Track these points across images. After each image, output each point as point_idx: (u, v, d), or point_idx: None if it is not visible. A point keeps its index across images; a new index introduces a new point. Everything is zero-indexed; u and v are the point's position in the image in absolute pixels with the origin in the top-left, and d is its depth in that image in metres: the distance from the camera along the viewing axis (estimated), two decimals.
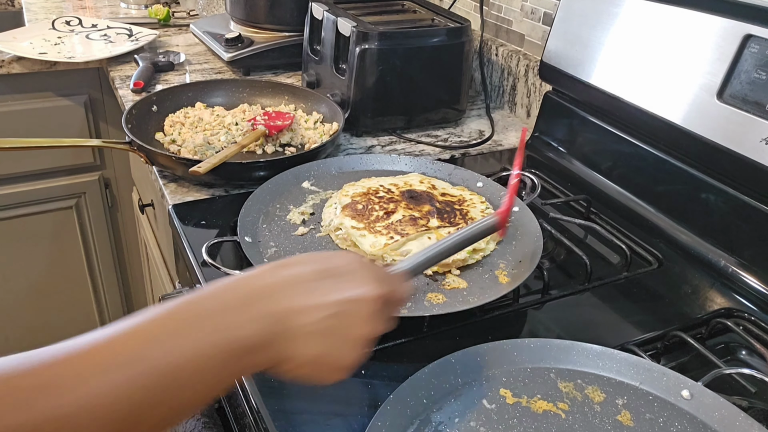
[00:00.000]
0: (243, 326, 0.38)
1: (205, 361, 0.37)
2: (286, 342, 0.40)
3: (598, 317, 0.71)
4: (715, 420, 0.53)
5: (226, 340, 0.38)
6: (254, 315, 0.39)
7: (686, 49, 0.81)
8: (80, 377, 0.34)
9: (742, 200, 0.77)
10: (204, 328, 0.37)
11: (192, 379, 0.36)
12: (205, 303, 0.39)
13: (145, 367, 0.35)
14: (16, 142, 0.94)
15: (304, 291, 0.42)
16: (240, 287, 0.41)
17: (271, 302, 0.40)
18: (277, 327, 0.40)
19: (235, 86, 1.17)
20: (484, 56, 1.31)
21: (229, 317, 0.38)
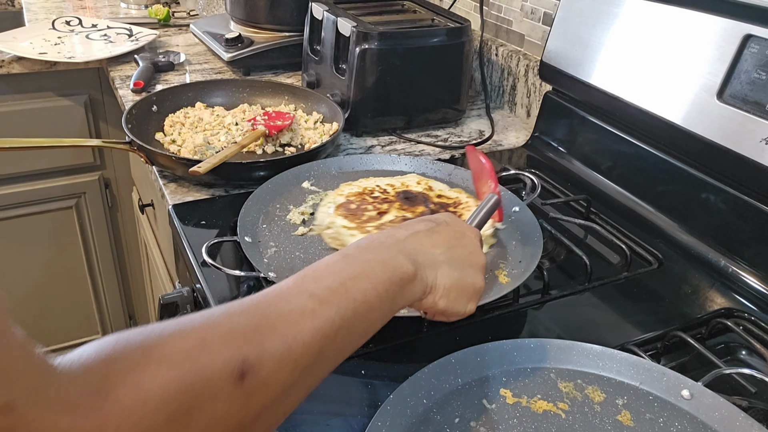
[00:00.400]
0: (399, 261, 0.48)
1: (383, 293, 0.45)
2: (430, 271, 0.50)
3: (598, 317, 0.71)
4: (715, 420, 0.53)
5: (393, 273, 0.47)
6: (402, 252, 0.49)
7: (686, 49, 0.81)
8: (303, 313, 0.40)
9: (742, 200, 0.77)
10: (375, 270, 0.46)
11: (375, 309, 0.45)
12: (365, 253, 0.48)
13: (349, 303, 0.42)
14: (16, 142, 0.94)
15: (424, 237, 0.53)
16: (377, 241, 0.50)
17: (406, 245, 0.50)
18: (419, 259, 0.50)
19: (235, 86, 1.17)
20: (484, 56, 1.31)
21: (387, 258, 0.48)
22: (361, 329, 0.44)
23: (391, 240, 0.50)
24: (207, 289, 0.70)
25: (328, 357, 0.41)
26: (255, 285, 0.71)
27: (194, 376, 0.33)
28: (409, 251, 0.50)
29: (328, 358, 0.41)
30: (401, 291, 0.47)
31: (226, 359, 0.34)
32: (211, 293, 0.69)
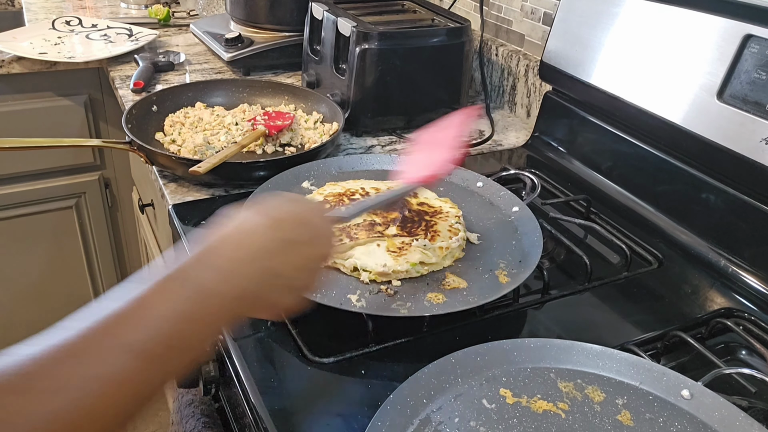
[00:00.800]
0: (250, 278, 0.46)
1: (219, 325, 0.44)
2: (269, 292, 0.48)
3: (598, 317, 0.71)
4: (715, 420, 0.53)
5: (238, 290, 0.44)
6: (257, 269, 0.46)
7: (686, 49, 0.81)
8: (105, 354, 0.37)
9: (742, 200, 0.77)
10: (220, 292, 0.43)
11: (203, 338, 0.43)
12: (216, 259, 0.45)
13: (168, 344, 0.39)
14: (16, 142, 0.94)
15: (290, 253, 0.49)
16: (244, 245, 0.47)
17: (268, 260, 0.47)
18: (274, 281, 0.48)
19: (235, 86, 1.17)
20: (484, 56, 1.31)
21: (237, 272, 0.45)
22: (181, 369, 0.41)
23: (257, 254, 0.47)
24: None
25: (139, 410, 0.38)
26: None
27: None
28: (269, 269, 0.47)
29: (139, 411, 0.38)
30: (237, 314, 0.46)
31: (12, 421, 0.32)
32: None
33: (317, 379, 0.59)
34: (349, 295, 0.66)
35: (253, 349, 0.62)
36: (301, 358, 0.61)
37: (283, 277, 0.49)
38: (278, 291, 0.49)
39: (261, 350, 0.62)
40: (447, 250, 0.72)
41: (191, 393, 0.82)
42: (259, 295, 0.47)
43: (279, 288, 0.49)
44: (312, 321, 0.66)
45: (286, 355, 0.62)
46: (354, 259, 0.70)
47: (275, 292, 0.49)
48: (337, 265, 0.70)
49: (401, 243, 0.73)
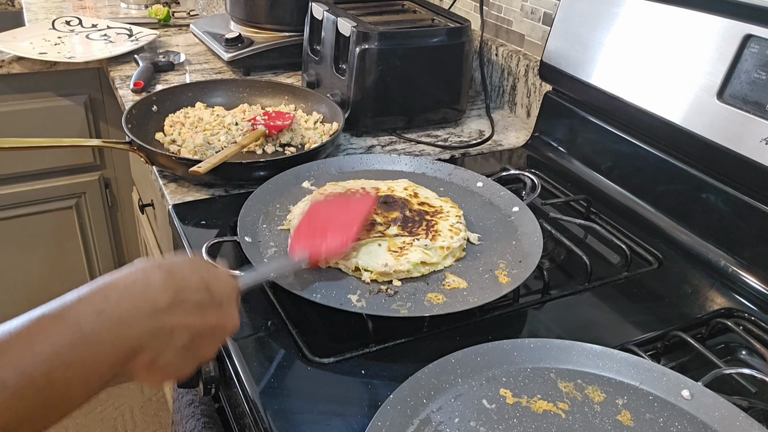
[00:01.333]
0: (137, 336, 0.42)
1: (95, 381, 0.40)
2: (163, 350, 0.44)
3: (598, 317, 0.71)
4: (715, 420, 0.53)
5: (121, 349, 0.41)
6: (150, 326, 0.43)
7: (686, 49, 0.81)
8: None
9: (742, 200, 0.77)
10: (105, 339, 0.40)
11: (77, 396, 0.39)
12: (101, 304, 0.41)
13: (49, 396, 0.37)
14: (16, 142, 0.94)
15: (194, 310, 0.46)
16: (136, 293, 0.43)
17: (168, 315, 0.44)
18: (163, 338, 0.43)
19: (235, 86, 1.17)
20: (484, 56, 1.31)
21: (124, 321, 0.41)
22: (50, 420, 0.39)
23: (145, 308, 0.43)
24: None
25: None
26: None
27: None
28: (162, 327, 0.43)
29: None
30: (115, 371, 0.42)
31: None
32: None
33: (317, 379, 0.59)
34: (349, 296, 0.66)
35: (253, 349, 0.62)
36: (301, 358, 0.61)
37: (178, 340, 0.44)
38: (170, 354, 0.44)
39: (261, 350, 0.62)
40: (448, 249, 0.72)
41: (191, 393, 0.82)
42: (146, 351, 0.43)
43: (172, 351, 0.44)
44: (312, 321, 0.66)
45: (286, 355, 0.62)
46: (355, 259, 0.70)
47: (167, 354, 0.44)
48: (338, 265, 0.70)
49: (402, 243, 0.73)
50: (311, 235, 0.69)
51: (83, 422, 1.77)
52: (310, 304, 0.64)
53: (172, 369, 0.46)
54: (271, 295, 0.69)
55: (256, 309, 0.67)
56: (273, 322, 0.66)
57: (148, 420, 1.80)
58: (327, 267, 0.70)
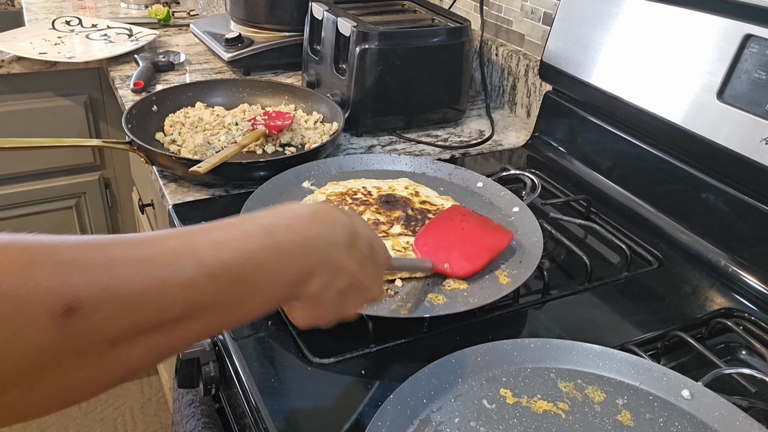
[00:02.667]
0: (316, 261, 0.45)
1: (278, 290, 0.43)
2: (329, 285, 0.46)
3: (598, 317, 0.71)
4: (715, 420, 0.53)
5: (299, 274, 0.44)
6: (327, 256, 0.46)
7: (686, 49, 0.81)
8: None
9: (742, 200, 0.77)
10: (284, 267, 0.43)
11: (261, 303, 0.42)
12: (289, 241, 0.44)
13: (236, 290, 0.40)
14: (16, 142, 0.94)
15: (360, 259, 0.48)
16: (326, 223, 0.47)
17: (342, 253, 0.47)
18: (333, 273, 0.46)
19: (235, 86, 1.16)
20: (484, 56, 1.31)
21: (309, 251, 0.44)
22: (236, 316, 0.42)
23: (326, 236, 0.46)
24: None
25: (186, 330, 0.38)
26: None
27: (7, 296, 0.30)
28: (330, 261, 0.46)
29: (186, 331, 0.38)
30: (291, 291, 0.44)
31: (53, 287, 0.31)
32: None
33: (317, 379, 0.59)
34: None
35: (253, 349, 0.62)
36: (301, 358, 0.61)
37: (340, 281, 0.47)
38: (331, 292, 0.47)
39: (261, 350, 0.62)
40: None
41: (191, 393, 0.82)
42: (317, 279, 0.45)
43: (333, 290, 0.47)
44: None
45: (286, 355, 0.62)
46: None
47: (329, 292, 0.47)
48: None
49: (406, 243, 0.73)
50: (437, 245, 0.71)
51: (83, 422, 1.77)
52: None
53: (325, 308, 0.48)
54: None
55: None
56: (273, 322, 0.66)
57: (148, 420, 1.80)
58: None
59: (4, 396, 0.31)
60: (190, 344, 0.41)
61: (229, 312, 0.40)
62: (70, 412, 1.80)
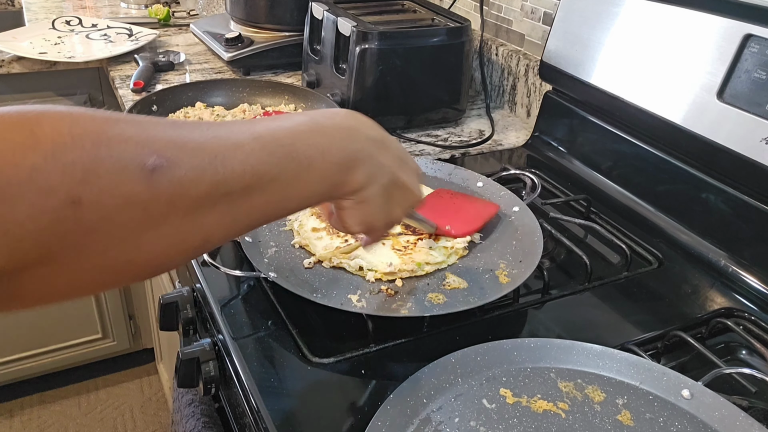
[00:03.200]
0: (359, 151, 0.47)
1: (328, 169, 0.45)
2: (372, 181, 0.49)
3: (598, 317, 0.71)
4: (715, 420, 0.53)
5: (346, 153, 0.46)
6: (367, 150, 0.48)
7: (686, 49, 0.81)
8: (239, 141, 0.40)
9: (742, 200, 0.77)
10: (332, 150, 0.45)
11: (315, 181, 0.44)
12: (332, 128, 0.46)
13: (292, 163, 0.42)
14: None
15: (396, 160, 0.52)
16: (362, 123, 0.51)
17: (380, 150, 0.50)
18: (374, 167, 0.49)
19: (235, 86, 1.16)
20: (484, 56, 1.31)
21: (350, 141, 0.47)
22: (296, 194, 0.43)
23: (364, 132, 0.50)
24: (207, 289, 0.70)
25: (252, 200, 0.40)
26: (255, 285, 0.71)
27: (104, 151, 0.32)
28: (373, 157, 0.49)
29: (253, 204, 0.40)
30: (340, 178, 0.46)
31: (141, 143, 0.34)
32: (211, 293, 0.69)
33: (317, 379, 0.59)
34: (350, 296, 0.66)
35: (253, 349, 0.62)
36: (301, 358, 0.61)
37: (382, 176, 0.49)
38: (376, 188, 0.49)
39: (261, 350, 0.62)
40: (452, 249, 0.72)
41: (191, 393, 0.82)
42: (361, 169, 0.47)
43: (377, 186, 0.49)
44: (312, 321, 0.66)
45: (286, 355, 0.62)
46: (359, 258, 0.70)
47: (373, 188, 0.49)
48: (342, 264, 0.70)
49: (406, 242, 0.73)
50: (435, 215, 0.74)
51: (83, 422, 1.77)
52: (311, 304, 0.64)
53: (373, 208, 0.50)
54: (271, 295, 0.69)
55: (256, 309, 0.67)
56: (273, 321, 0.66)
57: (148, 420, 1.80)
58: (330, 267, 0.70)
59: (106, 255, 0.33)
60: (257, 222, 0.42)
61: (290, 188, 0.43)
62: (70, 411, 1.80)
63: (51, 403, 1.83)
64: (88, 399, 1.85)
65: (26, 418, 1.78)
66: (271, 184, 0.41)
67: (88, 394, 1.87)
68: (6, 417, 1.77)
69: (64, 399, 1.84)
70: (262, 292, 0.70)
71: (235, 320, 0.65)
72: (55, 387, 1.87)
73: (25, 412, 1.80)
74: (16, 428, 1.75)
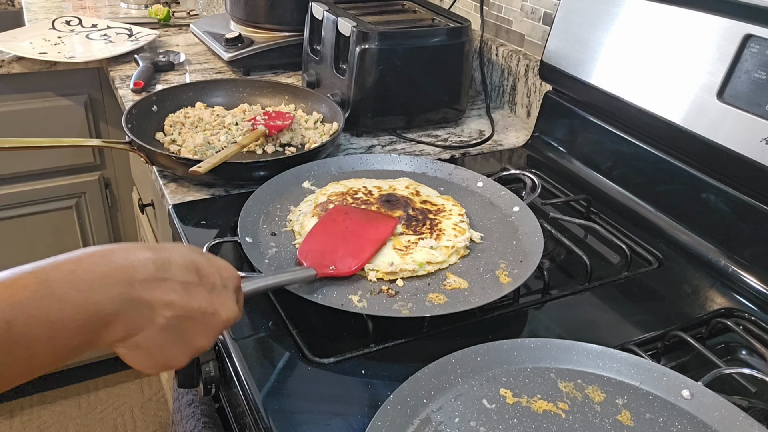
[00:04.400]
0: (109, 302, 0.40)
1: (64, 345, 0.39)
2: (142, 326, 0.42)
3: (598, 317, 0.71)
4: (715, 420, 0.53)
5: (90, 313, 0.39)
6: (125, 295, 0.41)
7: (686, 49, 0.81)
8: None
9: (742, 200, 0.77)
10: (65, 315, 0.38)
11: (45, 355, 0.38)
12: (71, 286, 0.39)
13: (10, 348, 0.36)
14: (16, 142, 0.94)
15: (178, 288, 0.44)
16: (118, 262, 0.42)
17: (148, 288, 0.42)
18: (141, 312, 0.42)
19: (235, 86, 1.16)
20: (484, 56, 1.31)
21: (97, 293, 0.40)
22: (22, 373, 0.38)
23: (133, 276, 0.42)
24: None
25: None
26: None
27: None
28: (143, 300, 0.42)
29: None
30: (84, 339, 0.40)
31: None
32: None
33: (317, 379, 0.59)
34: (350, 296, 0.66)
35: (253, 349, 0.62)
36: (301, 358, 0.61)
37: (159, 317, 0.43)
38: (153, 333, 0.43)
39: (261, 350, 0.62)
40: (453, 249, 0.72)
41: (191, 393, 0.82)
42: (120, 322, 0.41)
43: (154, 329, 0.43)
44: (312, 321, 0.66)
45: (286, 355, 0.62)
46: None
47: (149, 333, 0.42)
48: None
49: (407, 242, 0.73)
50: (321, 250, 0.69)
51: (83, 422, 1.77)
52: (311, 304, 0.64)
53: (159, 352, 0.44)
54: (272, 295, 0.69)
55: (256, 309, 0.67)
56: (273, 322, 0.66)
57: (148, 420, 1.80)
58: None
59: None
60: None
61: (12, 370, 0.37)
62: (70, 412, 1.80)
63: (51, 403, 1.83)
64: (88, 399, 1.85)
65: (26, 418, 1.78)
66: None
67: (88, 394, 1.87)
68: (6, 417, 1.77)
69: (64, 399, 1.84)
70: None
71: None
72: (55, 387, 1.87)
73: (25, 412, 1.80)
74: (16, 428, 1.75)
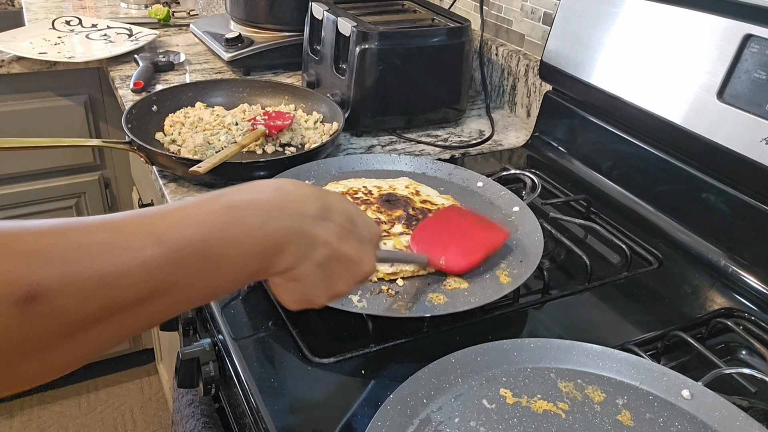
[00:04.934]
0: (283, 232, 0.44)
1: (242, 268, 0.42)
2: (303, 259, 0.45)
3: (598, 317, 0.71)
4: (715, 420, 0.53)
5: (264, 247, 0.43)
6: (296, 227, 0.44)
7: (686, 49, 0.81)
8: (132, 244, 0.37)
9: (742, 200, 0.77)
10: (248, 241, 0.42)
11: (226, 277, 0.41)
12: (251, 216, 0.43)
13: (196, 266, 0.39)
14: (16, 142, 0.94)
15: (337, 231, 0.47)
16: (291, 196, 0.45)
17: (313, 224, 0.46)
18: (306, 245, 0.45)
19: (235, 86, 1.17)
20: (484, 56, 1.31)
21: (272, 229, 0.43)
22: (205, 292, 0.41)
23: (292, 208, 0.45)
24: None
25: (155, 308, 0.38)
26: (255, 285, 0.71)
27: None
28: (309, 235, 0.45)
29: (155, 309, 0.38)
30: (261, 265, 0.43)
31: (14, 276, 0.32)
32: None
33: (317, 379, 0.59)
34: (350, 296, 0.66)
35: (253, 349, 0.62)
36: (301, 358, 0.61)
37: (317, 253, 0.46)
38: (309, 266, 0.46)
39: (261, 350, 0.62)
40: None
41: (191, 393, 0.82)
42: (289, 251, 0.44)
43: (310, 264, 0.45)
44: (312, 321, 0.66)
45: (286, 355, 0.62)
46: None
47: (306, 266, 0.45)
48: None
49: (407, 242, 0.73)
50: (433, 241, 0.71)
51: (83, 422, 1.77)
52: None
53: (309, 287, 0.47)
54: (272, 296, 0.69)
55: (256, 309, 0.67)
56: (273, 322, 0.66)
57: (148, 420, 1.80)
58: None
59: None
60: (161, 320, 0.40)
61: (197, 287, 0.40)
62: (70, 412, 1.80)
63: (51, 403, 1.83)
64: (88, 399, 1.85)
65: (26, 418, 1.78)
66: (173, 288, 0.38)
67: (88, 394, 1.87)
68: (6, 417, 1.78)
69: (64, 399, 1.84)
70: (262, 292, 0.70)
71: (235, 320, 0.66)
72: (55, 387, 1.87)
73: (25, 412, 1.80)
74: (16, 428, 1.75)
